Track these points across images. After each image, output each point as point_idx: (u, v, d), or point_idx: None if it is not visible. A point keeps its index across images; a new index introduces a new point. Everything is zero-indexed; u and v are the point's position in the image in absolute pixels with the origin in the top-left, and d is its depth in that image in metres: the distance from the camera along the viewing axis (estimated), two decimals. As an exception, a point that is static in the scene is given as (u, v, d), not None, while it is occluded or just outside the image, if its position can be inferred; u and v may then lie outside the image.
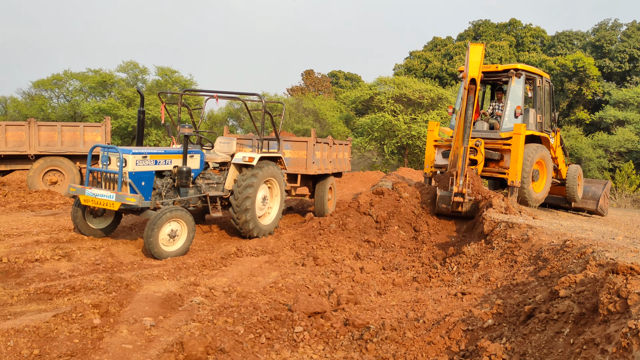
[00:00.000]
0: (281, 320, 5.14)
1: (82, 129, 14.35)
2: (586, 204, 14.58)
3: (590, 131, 36.67)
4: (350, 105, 37.38)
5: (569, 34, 46.99)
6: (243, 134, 28.77)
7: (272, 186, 9.84)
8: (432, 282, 6.95)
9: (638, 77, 40.72)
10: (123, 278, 6.11)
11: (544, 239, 6.53)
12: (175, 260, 7.48)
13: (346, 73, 59.63)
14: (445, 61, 45.40)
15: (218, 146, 9.90)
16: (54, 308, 5.15)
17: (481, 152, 11.46)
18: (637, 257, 4.84)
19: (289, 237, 9.70)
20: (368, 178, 22.23)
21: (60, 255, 7.09)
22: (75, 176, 13.97)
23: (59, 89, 35.15)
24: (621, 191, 26.35)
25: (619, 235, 7.48)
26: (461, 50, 46.27)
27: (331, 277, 7.17)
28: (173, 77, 34.72)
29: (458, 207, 9.61)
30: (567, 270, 4.97)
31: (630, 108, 35.03)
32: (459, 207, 9.60)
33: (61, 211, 11.08)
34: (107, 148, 8.01)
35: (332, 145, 12.45)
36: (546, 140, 12.58)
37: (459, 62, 43.06)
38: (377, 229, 9.71)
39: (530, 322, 4.09)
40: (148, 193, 8.02)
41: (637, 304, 3.29)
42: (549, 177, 12.63)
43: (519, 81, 12.01)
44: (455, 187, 9.53)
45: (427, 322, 4.92)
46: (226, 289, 6.25)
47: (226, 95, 9.55)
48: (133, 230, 9.45)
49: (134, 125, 30.52)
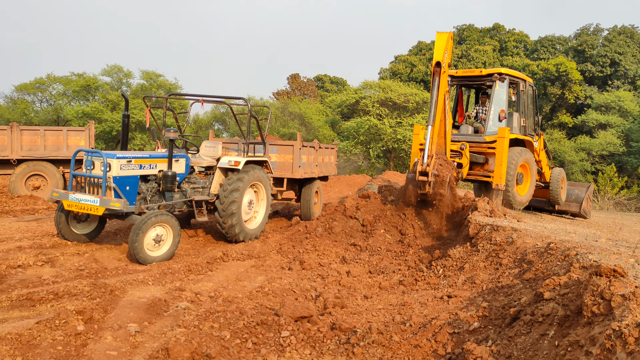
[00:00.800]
0: (268, 325, 5.12)
1: (66, 133, 14.19)
2: (569, 207, 14.74)
3: (572, 135, 37.12)
4: (336, 109, 37.44)
5: (551, 38, 47.57)
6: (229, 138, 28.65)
7: (258, 190, 9.81)
8: (419, 286, 6.97)
9: (619, 82, 41.33)
10: (107, 284, 6.04)
11: (528, 242, 6.58)
12: (160, 265, 7.42)
13: (332, 77, 59.75)
14: (430, 65, 45.61)
15: (204, 150, 9.86)
16: (37, 315, 5.08)
17: (466, 155, 11.55)
18: (619, 259, 4.90)
19: (276, 241, 9.67)
20: (354, 182, 22.27)
21: (43, 261, 7.00)
22: (58, 181, 13.81)
23: (42, 92, 34.78)
24: (604, 194, 26.69)
25: (602, 238, 7.57)
26: (446, 54, 46.46)
27: (318, 281, 7.16)
28: (158, 81, 34.50)
29: (425, 188, 9.42)
30: (552, 272, 5.02)
31: (611, 112, 35.54)
32: (425, 187, 9.41)
33: (44, 216, 10.95)
34: (91, 152, 7.93)
35: (318, 149, 12.46)
36: (530, 143, 12.71)
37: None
38: (364, 232, 9.72)
39: (516, 325, 4.12)
40: (133, 198, 7.95)
41: (620, 306, 3.32)
42: (533, 180, 12.75)
43: (502, 85, 12.13)
44: (419, 166, 9.43)
45: (414, 326, 4.93)
46: (212, 294, 6.21)
47: (212, 99, 9.51)
48: (117, 235, 9.36)
49: (118, 129, 30.27)
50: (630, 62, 41.64)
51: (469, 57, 45.55)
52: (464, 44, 50.07)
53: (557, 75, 38.35)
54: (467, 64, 44.37)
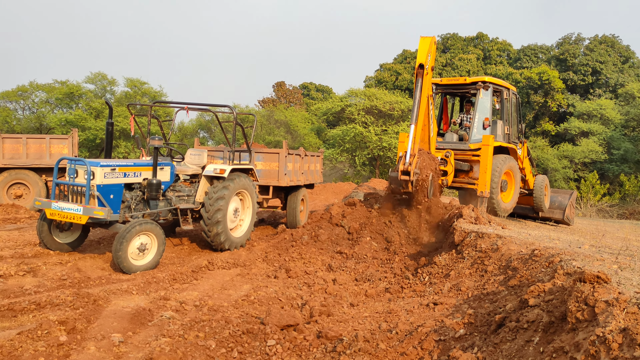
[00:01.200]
0: (253, 333, 5.09)
1: (49, 141, 14.04)
2: (553, 214, 14.88)
3: (555, 142, 37.56)
4: (321, 116, 37.52)
5: (534, 47, 48.22)
6: (214, 145, 28.57)
7: (244, 198, 9.78)
8: (405, 293, 6.98)
9: (600, 90, 41.96)
10: (90, 293, 5.97)
11: (513, 249, 6.62)
12: (144, 274, 7.35)
13: (317, 85, 59.90)
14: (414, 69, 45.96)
15: (189, 158, 9.81)
16: (19, 325, 5.00)
17: (451, 163, 11.62)
18: (603, 265, 4.96)
19: (261, 249, 9.63)
20: (340, 189, 22.30)
21: (25, 270, 6.90)
22: (41, 189, 13.65)
23: (24, 100, 34.39)
24: (586, 201, 27.00)
25: (585, 244, 7.65)
26: (430, 62, 46.84)
27: (304, 289, 7.14)
28: (142, 89, 34.32)
29: (407, 187, 9.39)
30: (536, 279, 5.05)
31: (593, 120, 36.03)
32: (407, 186, 9.38)
33: (26, 225, 10.80)
34: (74, 160, 7.85)
35: (304, 156, 12.46)
36: (514, 151, 12.83)
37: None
38: (350, 240, 9.72)
39: (501, 331, 4.14)
40: (117, 206, 7.88)
41: (604, 312, 3.35)
42: (517, 187, 12.86)
43: (486, 93, 12.25)
44: (401, 165, 9.41)
45: (400, 333, 4.93)
46: (197, 303, 6.16)
47: (197, 107, 9.49)
48: (101, 244, 9.26)
49: (102, 137, 30.03)
50: (611, 71, 42.32)
51: (453, 66, 45.98)
52: (448, 53, 50.54)
53: (540, 83, 38.86)
54: (451, 73, 44.77)
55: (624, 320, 3.16)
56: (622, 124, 35.39)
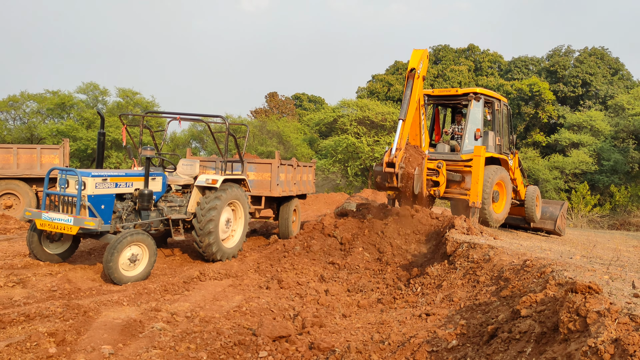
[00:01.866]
0: (245, 345, 5.05)
1: (39, 151, 13.97)
2: (544, 224, 14.94)
3: (546, 153, 37.79)
4: (314, 127, 37.58)
5: (524, 59, 48.64)
6: (206, 156, 28.52)
7: (236, 208, 9.75)
8: (397, 304, 6.97)
9: (590, 101, 42.34)
10: (81, 305, 5.91)
11: (504, 259, 6.64)
12: (135, 285, 7.29)
13: (310, 95, 60.04)
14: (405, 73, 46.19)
15: (181, 168, 9.79)
16: (7, 337, 4.94)
17: (443, 173, 11.66)
18: (594, 276, 4.97)
19: (253, 260, 9.60)
20: (332, 200, 22.30)
21: (14, 282, 6.83)
22: (31, 200, 13.55)
23: (15, 110, 34.16)
24: (577, 211, 27.15)
25: (577, 255, 7.68)
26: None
27: (296, 300, 7.11)
28: (135, 99, 34.22)
29: (393, 180, 9.29)
30: (528, 289, 5.06)
31: (583, 131, 36.31)
32: (392, 179, 9.28)
33: (16, 236, 10.71)
34: (65, 171, 7.81)
35: (296, 167, 12.46)
36: (505, 162, 12.90)
37: (420, 86, 43.85)
38: (342, 250, 9.70)
39: (494, 342, 4.13)
40: (108, 216, 7.83)
41: (595, 322, 3.36)
42: (509, 198, 12.91)
43: (478, 104, 12.33)
44: (386, 157, 9.34)
45: (392, 344, 4.91)
46: (189, 314, 6.12)
47: (189, 117, 9.48)
48: (92, 255, 9.19)
49: (93, 147, 29.89)
50: (600, 83, 42.73)
51: (444, 77, 46.29)
52: (440, 64, 50.89)
53: (531, 95, 39.16)
54: (443, 84, 45.06)
55: (616, 331, 3.17)
56: (612, 135, 35.69)
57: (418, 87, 10.16)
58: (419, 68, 10.07)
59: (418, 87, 10.17)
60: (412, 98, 9.93)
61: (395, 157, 9.28)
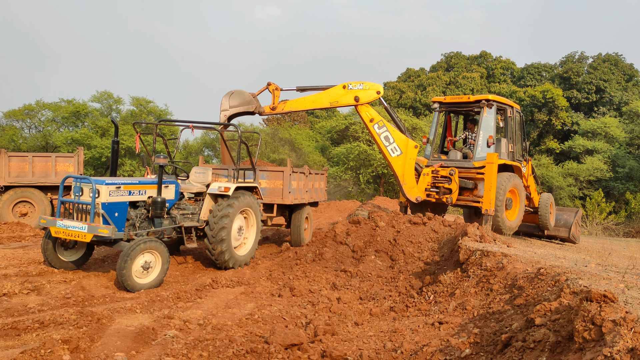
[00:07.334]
0: (257, 353, 5.05)
1: (54, 159, 14.13)
2: (559, 232, 14.80)
3: (560, 160, 37.52)
4: (326, 134, 37.66)
5: (537, 66, 48.41)
6: (219, 164, 28.64)
7: (248, 216, 9.77)
8: (410, 312, 6.93)
9: (605, 108, 42.01)
10: (94, 312, 5.95)
11: (518, 267, 6.58)
12: (148, 292, 7.33)
13: (322, 103, 60.06)
14: (419, 92, 46.26)
15: (193, 176, 9.84)
16: (22, 344, 4.98)
17: (455, 181, 11.62)
18: (609, 284, 4.92)
19: (265, 267, 9.60)
20: (344, 207, 22.25)
21: (29, 289, 6.89)
22: (46, 207, 13.69)
23: (30, 119, 34.62)
24: (592, 219, 26.87)
25: (592, 263, 7.60)
26: (434, 81, 47.21)
27: (308, 307, 7.10)
28: (148, 107, 34.53)
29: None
30: (542, 298, 5.01)
31: (598, 138, 36.03)
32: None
33: (31, 244, 10.81)
34: (79, 179, 7.88)
35: (308, 174, 12.47)
36: (518, 169, 12.82)
37: (432, 93, 43.89)
38: (354, 258, 9.68)
39: (507, 351, 4.10)
40: (121, 224, 7.89)
41: (611, 331, 3.32)
42: (522, 205, 12.82)
43: (490, 111, 12.28)
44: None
45: (405, 353, 4.89)
46: (201, 322, 6.13)
47: (202, 125, 9.53)
48: (105, 262, 9.25)
49: (107, 155, 30.15)
50: (615, 89, 42.40)
51: (457, 84, 46.19)
52: (452, 71, 50.80)
53: (544, 101, 38.95)
54: (455, 91, 44.96)
55: (632, 340, 3.13)
56: (627, 142, 35.38)
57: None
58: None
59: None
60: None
61: None
